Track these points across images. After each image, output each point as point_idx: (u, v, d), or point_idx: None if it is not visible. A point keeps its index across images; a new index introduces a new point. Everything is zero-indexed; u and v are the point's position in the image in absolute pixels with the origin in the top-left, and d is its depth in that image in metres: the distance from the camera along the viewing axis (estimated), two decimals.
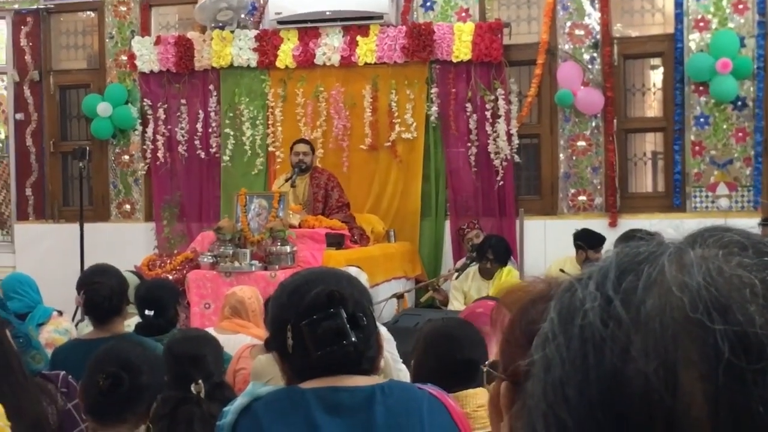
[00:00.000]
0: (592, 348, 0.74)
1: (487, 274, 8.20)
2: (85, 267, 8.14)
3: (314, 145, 9.62)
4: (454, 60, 9.50)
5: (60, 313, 6.15)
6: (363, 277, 5.78)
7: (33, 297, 6.22)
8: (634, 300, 0.74)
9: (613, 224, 9.21)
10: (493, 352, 3.39)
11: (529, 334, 0.83)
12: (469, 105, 9.53)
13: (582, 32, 9.42)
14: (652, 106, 9.68)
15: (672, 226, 0.83)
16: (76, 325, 6.53)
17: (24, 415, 3.33)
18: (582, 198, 9.48)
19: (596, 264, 0.80)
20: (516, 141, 9.48)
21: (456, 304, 8.12)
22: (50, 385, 3.68)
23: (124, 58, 10.62)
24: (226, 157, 10.22)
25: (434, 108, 9.61)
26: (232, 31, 10.12)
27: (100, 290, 4.41)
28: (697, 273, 0.73)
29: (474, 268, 8.37)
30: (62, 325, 6.00)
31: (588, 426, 0.73)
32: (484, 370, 1.24)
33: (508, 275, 8.11)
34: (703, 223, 0.82)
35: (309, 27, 9.89)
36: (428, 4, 9.81)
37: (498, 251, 8.25)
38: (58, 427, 3.57)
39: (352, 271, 5.47)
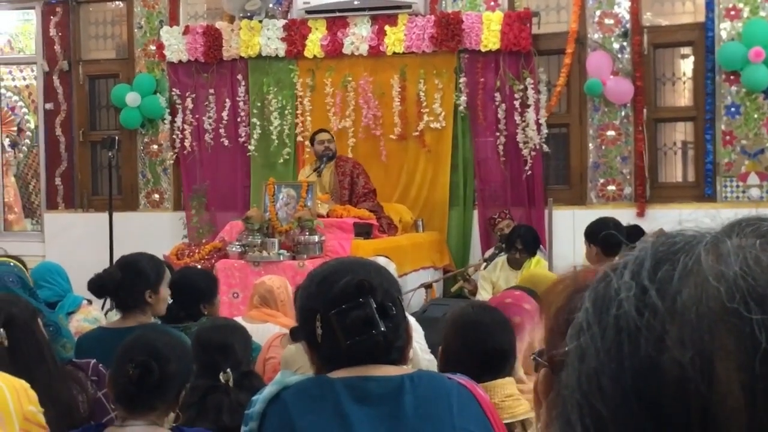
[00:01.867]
0: (627, 337, 0.73)
1: (515, 264, 8.17)
2: (114, 256, 8.18)
3: (344, 136, 9.65)
4: (483, 49, 9.47)
5: (89, 302, 6.15)
6: (392, 267, 5.78)
7: (63, 286, 6.23)
8: (669, 289, 0.73)
9: (641, 214, 9.16)
10: (537, 340, 3.38)
11: (570, 323, 0.83)
12: (497, 94, 9.50)
13: (611, 21, 9.36)
14: (683, 96, 9.62)
15: (708, 216, 0.82)
16: (106, 314, 6.55)
17: (55, 403, 3.36)
18: (611, 188, 9.44)
19: (631, 254, 0.79)
20: (545, 130, 9.45)
21: (484, 294, 8.09)
22: (81, 373, 3.71)
23: (153, 47, 10.66)
24: (251, 147, 10.23)
25: (463, 98, 9.59)
26: (260, 21, 10.14)
27: (99, 279, 4.37)
28: (734, 262, 0.73)
29: (502, 259, 8.34)
30: (92, 314, 6.02)
31: (622, 416, 0.72)
32: (532, 358, 1.24)
33: (537, 265, 8.07)
34: (734, 213, 0.81)
35: (337, 16, 9.89)
36: None
37: (527, 241, 8.21)
38: (89, 415, 3.59)
39: (381, 260, 5.48)
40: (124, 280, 4.28)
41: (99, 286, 4.37)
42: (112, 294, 4.40)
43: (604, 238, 6.92)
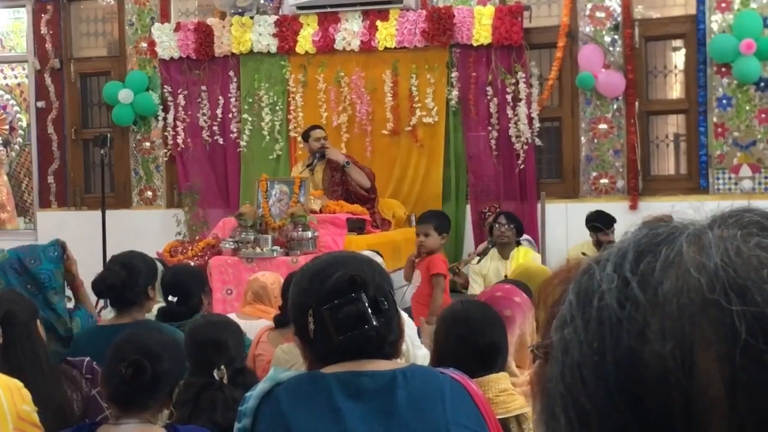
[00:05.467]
0: (609, 330, 0.74)
1: (503, 252, 8.20)
2: (108, 254, 8.14)
3: (337, 131, 9.64)
4: (475, 44, 9.47)
5: (70, 299, 6.08)
6: (378, 260, 5.78)
7: None
8: (651, 281, 0.74)
9: (634, 207, 9.17)
10: (529, 332, 3.38)
11: None
12: (489, 89, 9.50)
13: (603, 14, 9.37)
14: (674, 88, 9.63)
15: (692, 208, 0.83)
16: (100, 312, 6.52)
17: (49, 403, 3.36)
18: (604, 181, 9.44)
19: (615, 245, 0.80)
20: (537, 124, 9.45)
21: (476, 288, 8.09)
22: (75, 371, 3.71)
23: (144, 45, 10.64)
24: (243, 143, 10.23)
25: (455, 92, 9.59)
26: (252, 17, 10.12)
27: (106, 279, 4.41)
28: (715, 254, 0.73)
29: (493, 250, 8.38)
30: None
31: (605, 408, 0.72)
32: (529, 350, 1.24)
33: (526, 256, 8.10)
34: (717, 204, 0.82)
35: (328, 12, 9.88)
36: None
37: (510, 217, 8.30)
38: (83, 413, 3.60)
39: (368, 254, 5.47)
40: (129, 278, 4.34)
41: (107, 285, 4.40)
42: (118, 292, 4.42)
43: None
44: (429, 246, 7.44)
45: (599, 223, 8.09)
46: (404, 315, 3.61)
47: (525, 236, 8.71)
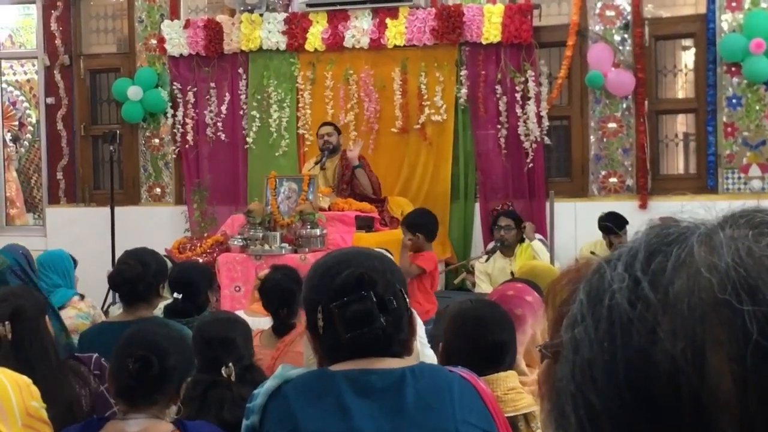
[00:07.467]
0: (619, 329, 0.73)
1: (508, 250, 8.22)
2: (117, 250, 8.16)
3: (345, 129, 9.62)
4: (484, 42, 9.46)
5: (81, 297, 6.05)
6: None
7: (53, 280, 6.03)
8: (662, 281, 0.73)
9: (643, 206, 9.15)
10: (540, 332, 3.38)
11: None
12: (498, 87, 9.49)
13: (613, 13, 9.35)
14: (684, 88, 9.61)
15: (703, 207, 0.82)
16: (108, 308, 6.52)
17: (58, 399, 3.36)
18: (613, 180, 9.43)
19: (626, 245, 0.80)
20: (546, 123, 9.43)
21: (483, 287, 8.12)
22: (83, 367, 3.72)
23: (154, 42, 10.65)
24: (249, 139, 10.23)
25: (464, 90, 9.57)
26: (261, 14, 10.12)
27: (124, 272, 4.43)
28: (726, 254, 0.73)
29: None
30: (83, 310, 5.89)
31: (615, 407, 0.72)
32: (537, 349, 1.25)
33: (527, 251, 8.14)
34: (728, 204, 0.81)
35: (338, 10, 9.87)
36: None
37: (510, 213, 8.36)
38: (91, 409, 3.60)
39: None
40: (144, 273, 4.37)
41: (125, 278, 4.42)
42: (132, 286, 4.44)
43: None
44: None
45: (611, 224, 8.07)
46: (415, 313, 3.61)
47: (537, 235, 8.72)
